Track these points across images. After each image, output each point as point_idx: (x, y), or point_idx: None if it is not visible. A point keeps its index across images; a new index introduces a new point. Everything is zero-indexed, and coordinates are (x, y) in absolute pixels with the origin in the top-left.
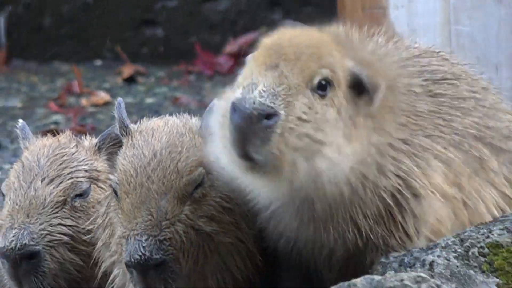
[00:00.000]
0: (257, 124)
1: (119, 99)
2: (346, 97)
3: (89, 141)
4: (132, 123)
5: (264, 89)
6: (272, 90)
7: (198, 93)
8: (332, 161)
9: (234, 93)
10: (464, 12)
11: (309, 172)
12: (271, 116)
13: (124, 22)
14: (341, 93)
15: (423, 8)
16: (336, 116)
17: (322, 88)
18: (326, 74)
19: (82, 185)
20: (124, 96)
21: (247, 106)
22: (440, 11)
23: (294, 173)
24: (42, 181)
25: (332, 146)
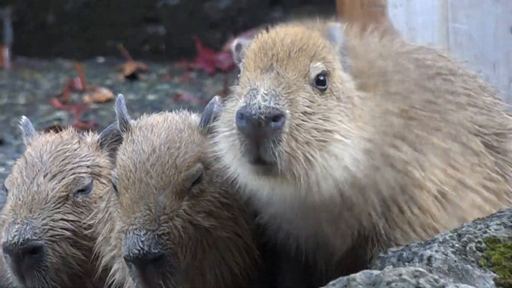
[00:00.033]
0: (266, 127)
1: (120, 95)
2: (342, 79)
3: (91, 137)
4: (134, 120)
5: (265, 92)
6: (273, 92)
7: (199, 90)
8: (344, 143)
9: (237, 103)
10: (461, 10)
11: (327, 160)
12: (278, 117)
13: (126, 20)
14: (336, 77)
15: (421, 7)
16: (337, 103)
17: (321, 83)
18: (321, 67)
19: (84, 180)
20: (126, 93)
21: (253, 112)
22: (438, 9)
23: (310, 165)
24: (44, 176)
25: (341, 131)
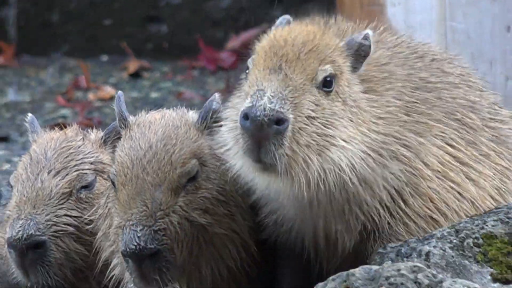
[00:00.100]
0: (268, 129)
1: (119, 92)
2: (349, 82)
3: (95, 135)
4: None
5: (272, 94)
6: (280, 95)
7: (201, 87)
8: (344, 148)
9: (243, 101)
10: (459, 9)
11: (322, 164)
12: (281, 121)
13: (129, 19)
14: (344, 79)
15: (420, 5)
16: (342, 107)
17: (328, 85)
18: (329, 70)
19: (88, 177)
20: (129, 90)
21: (258, 113)
22: (436, 8)
23: (307, 167)
24: (48, 173)
25: (342, 136)
